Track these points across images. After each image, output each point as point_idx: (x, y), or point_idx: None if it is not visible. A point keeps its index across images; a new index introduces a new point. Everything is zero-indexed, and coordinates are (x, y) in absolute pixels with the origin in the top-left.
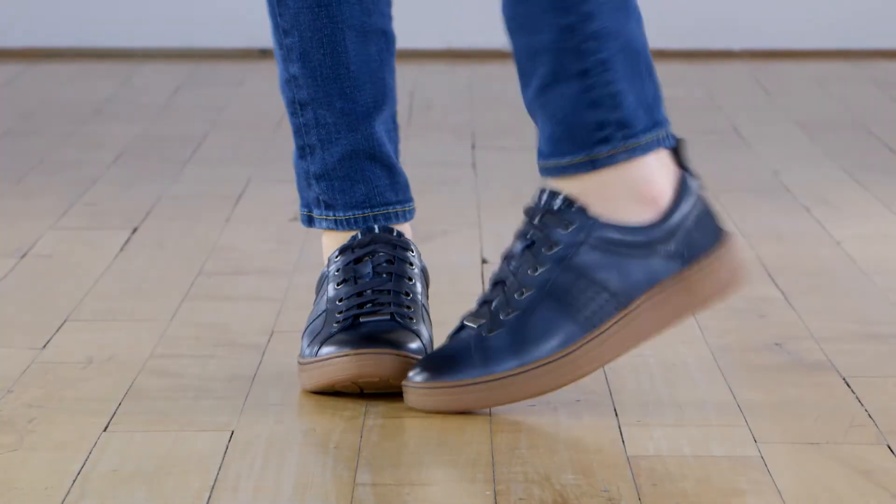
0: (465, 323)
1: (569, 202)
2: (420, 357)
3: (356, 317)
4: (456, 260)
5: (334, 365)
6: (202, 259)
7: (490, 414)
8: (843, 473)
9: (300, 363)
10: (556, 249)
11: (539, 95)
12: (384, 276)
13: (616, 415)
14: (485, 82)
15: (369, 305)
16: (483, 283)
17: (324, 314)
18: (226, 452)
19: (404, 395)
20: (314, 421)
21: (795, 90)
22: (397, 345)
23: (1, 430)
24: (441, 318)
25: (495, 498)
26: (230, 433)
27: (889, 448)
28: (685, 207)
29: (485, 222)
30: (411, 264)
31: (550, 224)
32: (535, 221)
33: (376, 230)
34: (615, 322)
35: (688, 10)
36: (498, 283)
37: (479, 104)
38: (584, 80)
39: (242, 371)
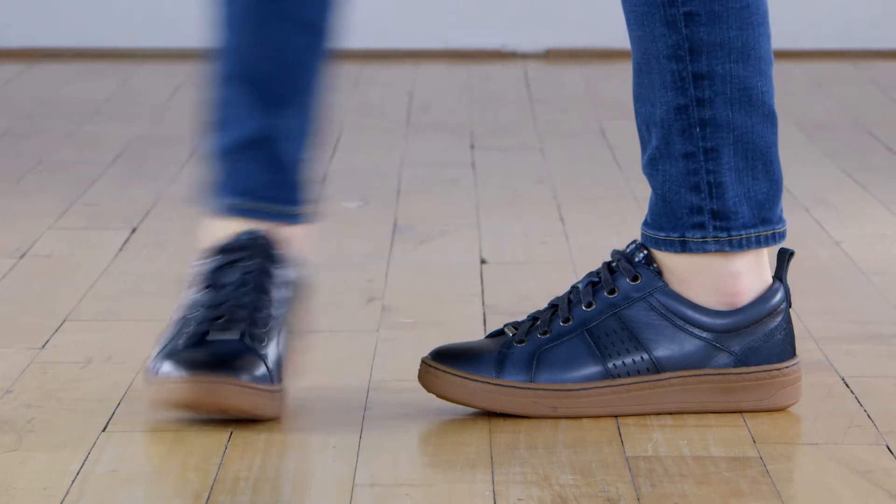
0: (504, 328)
1: (649, 260)
2: (261, 385)
3: (205, 333)
4: (455, 260)
5: (171, 389)
6: None
7: (490, 415)
8: (842, 474)
9: (145, 376)
10: (613, 296)
11: (648, 165)
12: (246, 288)
13: (615, 415)
14: (483, 82)
15: (222, 321)
16: (482, 283)
17: (180, 322)
18: (225, 452)
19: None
20: (313, 421)
21: (795, 90)
22: (238, 371)
23: (0, 430)
24: (440, 319)
25: (494, 498)
26: (229, 433)
27: (888, 448)
28: (761, 315)
29: (484, 222)
30: (278, 278)
31: (621, 271)
32: (613, 263)
33: (257, 233)
34: (638, 382)
35: None
36: (553, 305)
37: (477, 104)
38: (689, 162)
39: None
